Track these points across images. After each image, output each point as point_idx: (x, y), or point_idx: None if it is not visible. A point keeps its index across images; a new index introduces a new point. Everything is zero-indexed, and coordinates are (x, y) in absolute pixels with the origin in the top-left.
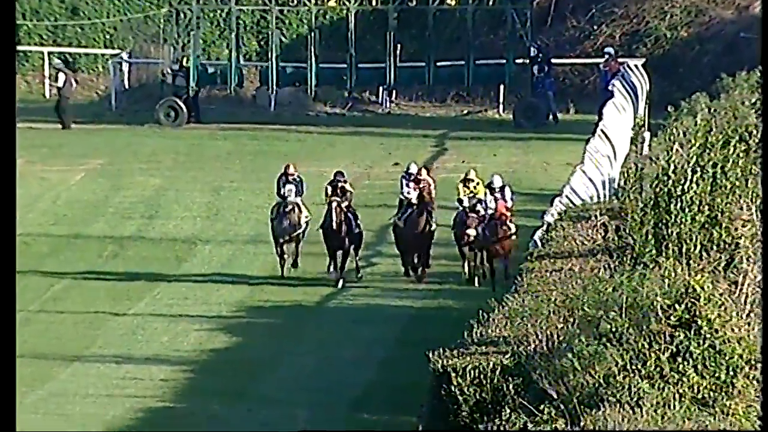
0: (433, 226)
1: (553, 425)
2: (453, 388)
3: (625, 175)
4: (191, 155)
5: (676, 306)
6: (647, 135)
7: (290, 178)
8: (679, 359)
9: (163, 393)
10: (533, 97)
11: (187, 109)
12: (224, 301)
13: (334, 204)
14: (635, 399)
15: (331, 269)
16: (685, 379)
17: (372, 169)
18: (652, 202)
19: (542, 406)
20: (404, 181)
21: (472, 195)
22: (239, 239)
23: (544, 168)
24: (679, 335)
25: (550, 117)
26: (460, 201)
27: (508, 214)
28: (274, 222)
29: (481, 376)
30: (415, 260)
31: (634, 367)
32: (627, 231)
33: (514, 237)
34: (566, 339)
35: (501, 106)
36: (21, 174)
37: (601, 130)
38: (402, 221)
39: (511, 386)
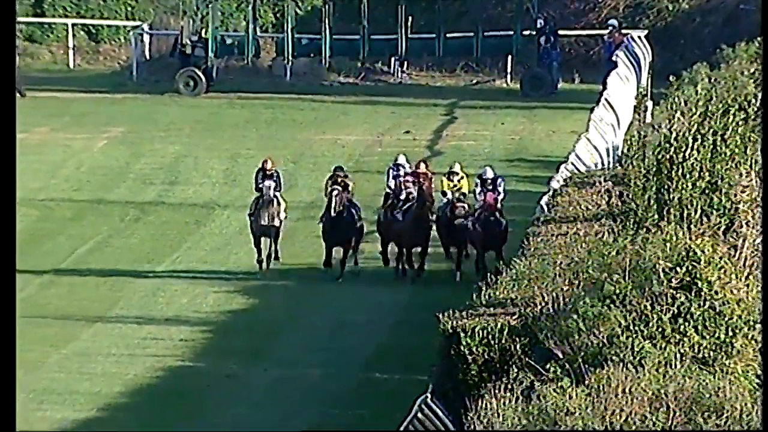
0: (432, 220)
1: (559, 384)
2: (462, 348)
3: (629, 142)
4: (209, 123)
5: (678, 269)
6: (650, 104)
7: (268, 173)
8: (681, 320)
9: (182, 352)
10: (539, 67)
11: (206, 79)
12: (241, 264)
13: (335, 192)
14: (638, 358)
15: (329, 267)
16: (686, 339)
17: (384, 137)
18: (654, 169)
19: (548, 365)
20: (391, 173)
21: (456, 188)
22: None
23: (550, 136)
24: (680, 297)
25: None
26: (444, 194)
27: (498, 206)
28: (251, 218)
29: (490, 337)
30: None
31: (636, 328)
32: (630, 196)
33: (504, 230)
34: (571, 300)
35: (508, 76)
36: (45, 142)
37: (606, 100)
38: (400, 215)
39: (518, 346)
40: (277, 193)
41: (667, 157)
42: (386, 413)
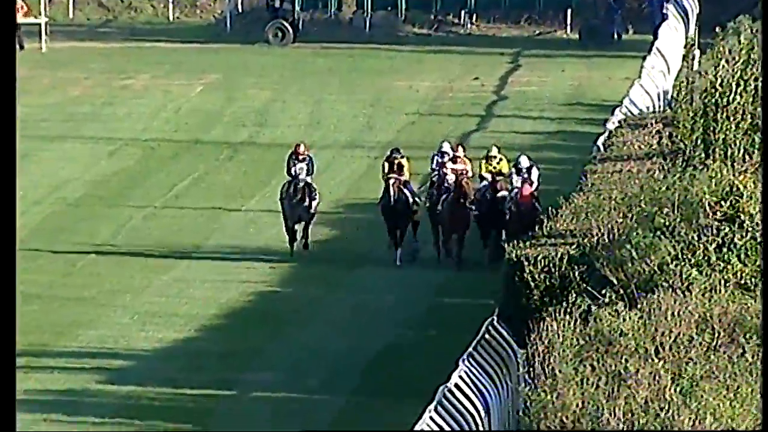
0: (471, 207)
1: (614, 307)
2: (525, 275)
3: (678, 88)
4: (296, 71)
5: (722, 203)
6: (697, 53)
7: (300, 157)
8: (725, 249)
9: (270, 279)
10: (597, 19)
11: (293, 31)
12: (325, 198)
13: (392, 181)
14: (686, 284)
15: (392, 248)
16: (729, 266)
17: (454, 83)
18: (701, 112)
19: (604, 291)
20: (437, 158)
21: (497, 171)
22: (338, 144)
23: (606, 82)
24: (725, 228)
25: (615, 36)
26: (483, 177)
27: (533, 197)
28: (284, 202)
29: (550, 265)
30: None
31: (684, 257)
32: (679, 137)
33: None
34: (625, 232)
35: (568, 27)
36: (147, 87)
37: (657, 49)
38: (440, 205)
39: (576, 273)
40: (308, 178)
41: (713, 100)
42: (455, 335)
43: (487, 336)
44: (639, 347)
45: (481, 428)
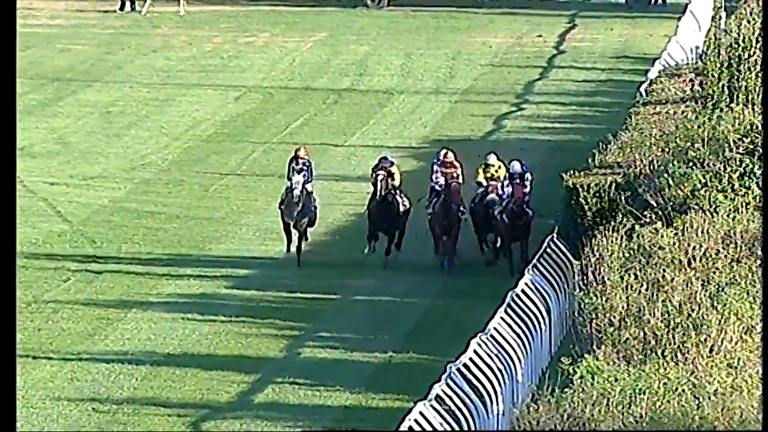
0: (462, 213)
1: (653, 226)
2: (580, 199)
3: (707, 43)
4: (390, 29)
5: (744, 138)
6: (723, 14)
7: (300, 161)
8: (746, 177)
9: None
10: None
11: None
12: (414, 135)
13: (380, 177)
14: (713, 207)
15: (367, 250)
16: (750, 192)
17: (521, 39)
18: (726, 63)
19: (645, 212)
20: (435, 167)
21: (493, 179)
22: (425, 91)
23: (647, 38)
24: (746, 160)
25: (662, 1)
26: (479, 184)
27: (526, 199)
28: (281, 207)
29: (601, 191)
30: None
31: (712, 184)
32: (708, 84)
33: (529, 221)
34: (663, 163)
35: None
36: (267, 43)
37: (690, 11)
38: (431, 208)
39: (622, 198)
40: (308, 186)
41: (737, 54)
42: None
43: (548, 250)
44: (674, 259)
45: (543, 326)
